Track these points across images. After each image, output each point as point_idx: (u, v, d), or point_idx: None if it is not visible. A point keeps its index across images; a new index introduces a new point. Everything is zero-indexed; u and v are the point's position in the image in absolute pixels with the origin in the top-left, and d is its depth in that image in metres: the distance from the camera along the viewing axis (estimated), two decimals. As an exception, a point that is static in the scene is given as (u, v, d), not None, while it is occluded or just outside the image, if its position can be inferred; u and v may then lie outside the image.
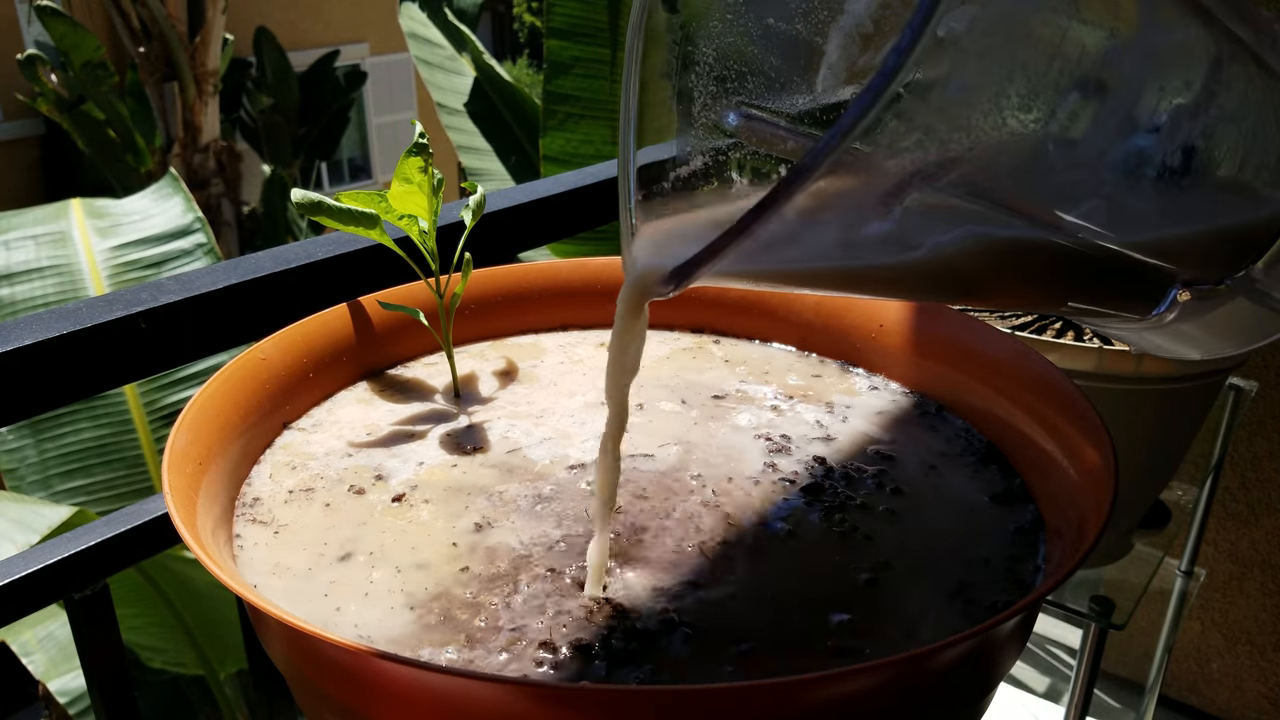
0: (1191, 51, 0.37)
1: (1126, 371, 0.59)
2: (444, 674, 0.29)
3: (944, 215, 0.32)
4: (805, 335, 0.59)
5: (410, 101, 9.43)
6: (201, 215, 2.25)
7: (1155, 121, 0.37)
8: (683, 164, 0.39)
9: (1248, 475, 1.29)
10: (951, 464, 0.47)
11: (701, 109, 0.39)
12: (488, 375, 0.56)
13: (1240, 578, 1.34)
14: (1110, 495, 0.37)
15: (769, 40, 0.39)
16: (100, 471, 2.04)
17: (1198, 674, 1.41)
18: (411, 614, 0.37)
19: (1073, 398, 0.44)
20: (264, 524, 0.43)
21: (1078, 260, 0.39)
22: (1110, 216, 0.38)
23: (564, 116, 2.62)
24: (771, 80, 0.39)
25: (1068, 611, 0.68)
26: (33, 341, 0.54)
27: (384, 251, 0.59)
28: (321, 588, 0.39)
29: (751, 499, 0.45)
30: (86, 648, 0.61)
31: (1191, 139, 0.38)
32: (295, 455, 0.48)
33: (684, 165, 0.39)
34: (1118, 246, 0.38)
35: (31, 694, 2.55)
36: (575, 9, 2.55)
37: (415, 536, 0.42)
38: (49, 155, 7.12)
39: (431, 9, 3.38)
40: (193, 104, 5.36)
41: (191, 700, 2.20)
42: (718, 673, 0.34)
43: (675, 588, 0.39)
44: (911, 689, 0.32)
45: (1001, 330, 0.51)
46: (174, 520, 0.36)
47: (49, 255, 2.10)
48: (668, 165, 0.39)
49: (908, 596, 0.38)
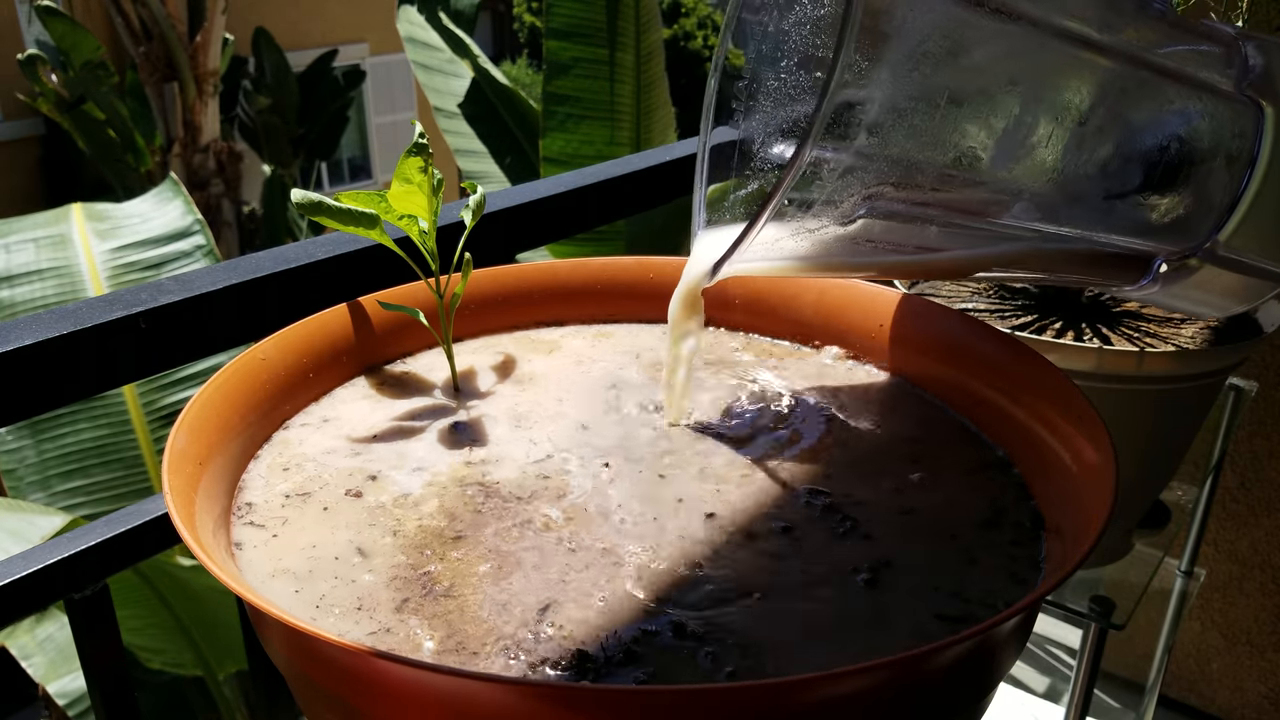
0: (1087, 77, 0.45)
1: (1126, 371, 0.59)
2: (444, 674, 0.29)
3: (893, 218, 0.43)
4: (806, 332, 0.59)
5: (410, 101, 9.44)
6: (201, 217, 2.25)
7: (1058, 143, 0.45)
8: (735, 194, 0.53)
9: (1248, 475, 1.29)
10: (951, 463, 0.47)
11: (760, 148, 0.52)
12: (487, 371, 0.56)
13: (1240, 578, 1.34)
14: (1110, 495, 0.37)
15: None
16: (99, 472, 2.04)
17: (1198, 674, 1.41)
18: (410, 613, 0.37)
19: (1073, 398, 0.44)
20: (263, 525, 0.43)
21: (1057, 252, 0.46)
22: (1084, 218, 0.47)
23: (564, 117, 2.62)
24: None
25: (1068, 611, 0.68)
26: (33, 341, 0.54)
27: (384, 251, 0.59)
28: (320, 588, 0.39)
29: (750, 497, 0.45)
30: (86, 648, 0.61)
31: (1105, 151, 0.46)
32: (294, 455, 0.48)
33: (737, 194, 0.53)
34: (1085, 239, 0.47)
35: (31, 695, 2.55)
36: (575, 10, 2.55)
37: (414, 536, 0.42)
38: (49, 155, 7.12)
39: (429, 12, 3.39)
40: (193, 104, 5.36)
41: (191, 701, 2.20)
42: (718, 672, 0.34)
43: (675, 587, 0.39)
44: (911, 689, 0.32)
45: (1002, 330, 0.51)
46: (174, 520, 0.36)
47: (49, 258, 2.11)
48: (727, 196, 0.53)
49: (907, 596, 0.38)
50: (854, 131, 0.38)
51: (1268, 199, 0.48)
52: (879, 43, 0.37)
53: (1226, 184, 0.48)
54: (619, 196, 0.90)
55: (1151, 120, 0.47)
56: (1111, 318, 0.66)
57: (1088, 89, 0.45)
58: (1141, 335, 0.63)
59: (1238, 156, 0.47)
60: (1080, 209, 0.47)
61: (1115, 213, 0.48)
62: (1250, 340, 0.62)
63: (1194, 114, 0.48)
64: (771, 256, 0.45)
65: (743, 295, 0.61)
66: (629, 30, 2.61)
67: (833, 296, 0.58)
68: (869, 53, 0.37)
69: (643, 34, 2.63)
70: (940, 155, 0.41)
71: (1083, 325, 0.65)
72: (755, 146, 0.51)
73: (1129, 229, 0.49)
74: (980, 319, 0.54)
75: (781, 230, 0.41)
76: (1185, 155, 0.47)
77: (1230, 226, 0.48)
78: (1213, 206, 0.48)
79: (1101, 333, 0.63)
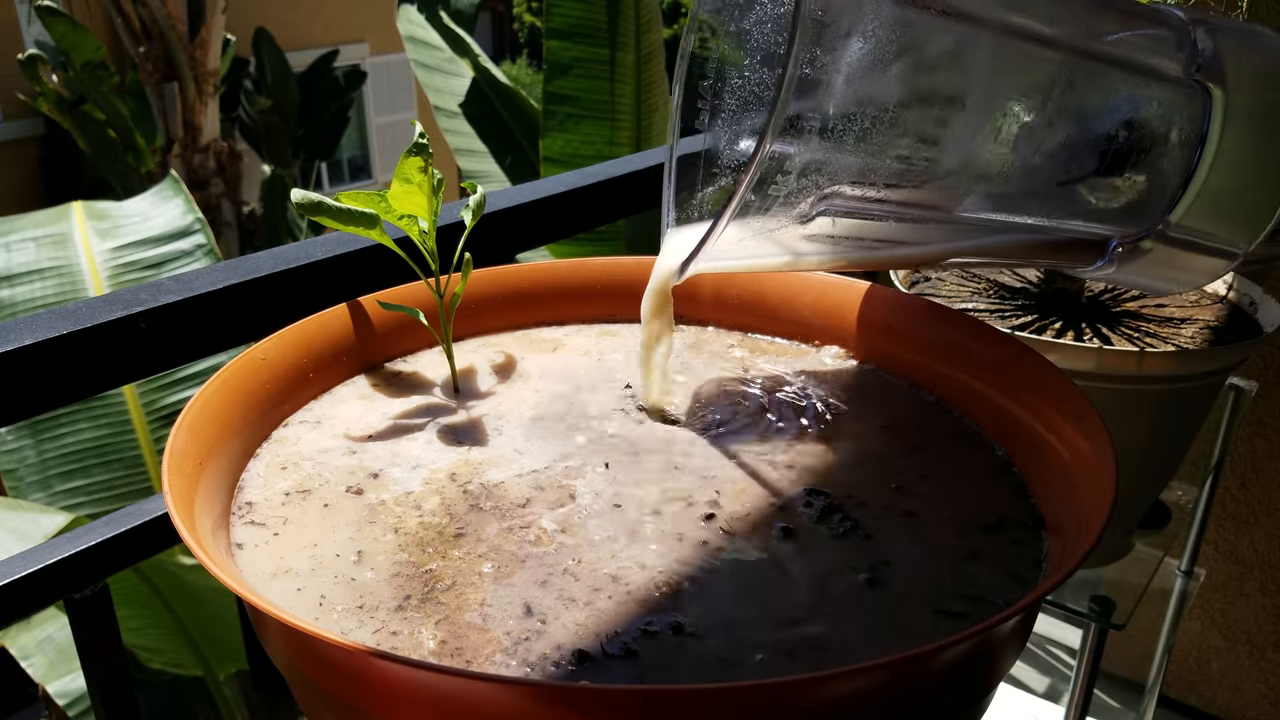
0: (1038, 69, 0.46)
1: (1126, 371, 0.59)
2: (444, 674, 0.29)
3: (851, 216, 0.45)
4: (806, 332, 0.59)
5: (410, 102, 9.43)
6: (201, 216, 2.25)
7: (1006, 136, 0.46)
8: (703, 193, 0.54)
9: (1248, 475, 1.29)
10: (951, 463, 0.47)
11: (726, 146, 0.53)
12: (487, 370, 0.56)
13: (1240, 578, 1.34)
14: (1110, 495, 0.37)
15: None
16: (99, 472, 2.04)
17: (1198, 674, 1.41)
18: (411, 612, 0.37)
19: (1073, 398, 0.44)
20: (263, 525, 0.43)
21: (1014, 242, 0.51)
22: (1039, 209, 0.49)
23: (564, 117, 2.62)
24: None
25: (1068, 611, 0.68)
26: (33, 341, 0.54)
27: (384, 251, 0.59)
28: (321, 588, 0.39)
29: (750, 496, 0.45)
30: (86, 648, 0.61)
31: (1050, 143, 0.47)
32: (294, 454, 0.48)
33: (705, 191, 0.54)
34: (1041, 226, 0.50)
35: (31, 695, 2.55)
36: (575, 9, 2.55)
37: (415, 534, 0.42)
38: (49, 155, 7.12)
39: (429, 12, 3.38)
40: (193, 104, 5.37)
41: (191, 701, 2.20)
42: (718, 673, 0.34)
43: (674, 587, 0.39)
44: (911, 689, 0.32)
45: (1002, 330, 0.51)
46: (174, 520, 0.36)
47: (49, 257, 2.11)
48: (695, 193, 0.55)
49: (907, 595, 0.38)
50: (809, 130, 0.40)
51: (1216, 180, 0.49)
52: (830, 42, 0.39)
53: (1177, 167, 0.49)
54: (619, 196, 0.90)
55: (1100, 110, 0.48)
56: (1111, 318, 0.66)
57: (1036, 83, 0.46)
58: (1141, 335, 0.63)
59: (1187, 140, 0.49)
60: (1034, 199, 0.48)
61: (1069, 200, 0.49)
62: (1250, 340, 0.62)
63: (1142, 101, 0.49)
64: (737, 255, 0.46)
65: (743, 295, 0.61)
66: (629, 30, 2.61)
67: (833, 296, 0.58)
68: (820, 52, 0.38)
69: (643, 34, 2.63)
70: (892, 153, 0.43)
71: (1083, 325, 0.65)
72: (721, 145, 0.53)
73: (1083, 215, 0.50)
74: (980, 319, 0.54)
75: (745, 229, 0.43)
76: (1135, 142, 0.49)
77: (1181, 208, 0.50)
78: (1165, 189, 0.49)
79: (1101, 333, 0.63)
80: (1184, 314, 0.68)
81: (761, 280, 0.60)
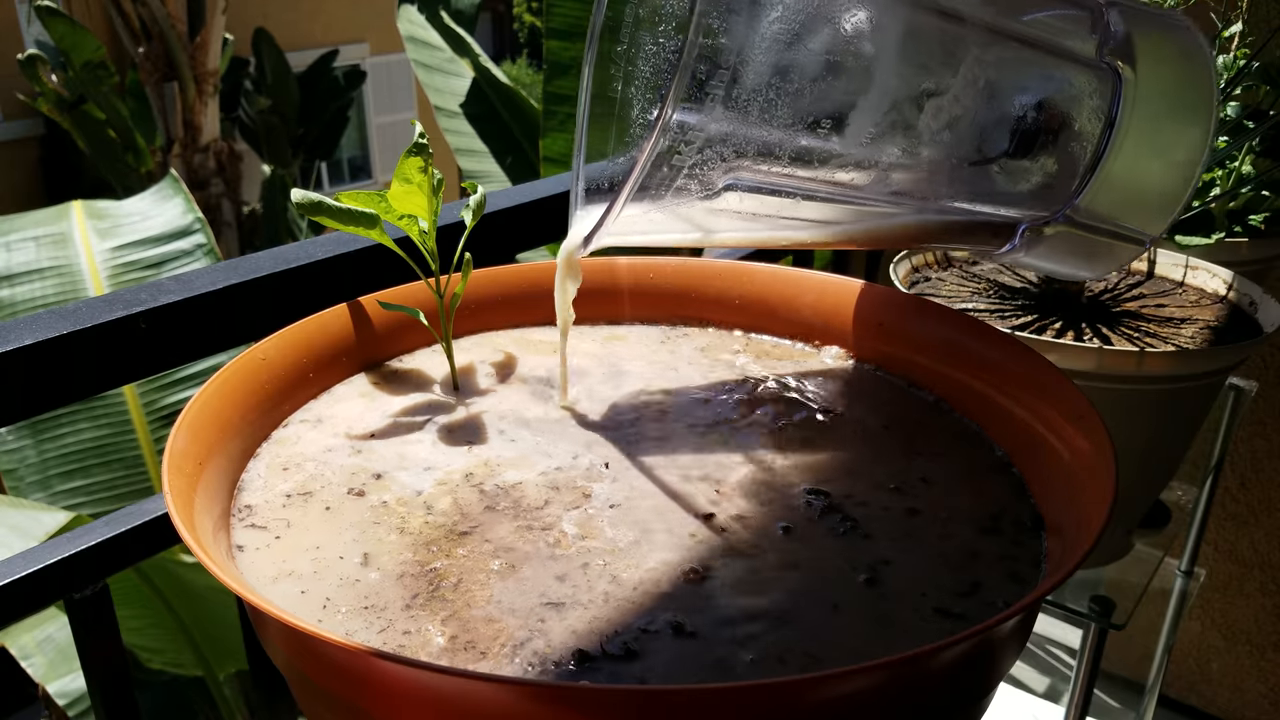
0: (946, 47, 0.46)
1: (1126, 371, 0.59)
2: (444, 674, 0.29)
3: (758, 192, 0.44)
4: (806, 332, 0.59)
5: (410, 102, 9.43)
6: (201, 216, 2.25)
7: (913, 114, 0.45)
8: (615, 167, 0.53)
9: (1248, 475, 1.29)
10: (951, 463, 0.47)
11: (639, 114, 0.52)
12: (487, 370, 0.56)
13: (1240, 578, 1.34)
14: (1110, 495, 0.37)
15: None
16: (99, 472, 2.04)
17: (1198, 674, 1.41)
18: (419, 610, 0.37)
19: (1073, 398, 0.44)
20: (265, 527, 0.43)
21: (925, 222, 0.50)
22: (947, 189, 0.49)
23: (564, 117, 2.61)
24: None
25: (1068, 611, 0.68)
26: (33, 341, 0.54)
27: (384, 251, 0.59)
28: (321, 588, 0.39)
29: (749, 496, 0.45)
30: (86, 648, 0.61)
31: (954, 118, 0.46)
32: (295, 454, 0.48)
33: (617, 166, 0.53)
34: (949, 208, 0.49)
35: (31, 695, 2.55)
36: (575, 10, 2.55)
37: (420, 534, 0.42)
38: (49, 155, 7.12)
39: (429, 12, 3.38)
40: (193, 104, 5.37)
41: (191, 701, 2.20)
42: (717, 672, 0.34)
43: (674, 587, 0.39)
44: (911, 689, 0.32)
45: (1001, 330, 0.51)
46: (174, 521, 0.36)
47: (49, 256, 2.11)
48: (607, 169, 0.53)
49: (906, 595, 0.38)
50: (712, 100, 0.39)
51: (1125, 164, 0.49)
52: (737, 7, 0.38)
53: (1085, 151, 0.48)
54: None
55: (1011, 88, 0.47)
56: (1111, 318, 0.66)
57: (947, 59, 0.45)
58: (1141, 335, 0.64)
59: (1096, 123, 0.48)
60: (944, 180, 0.48)
61: (980, 182, 0.49)
62: (1250, 340, 0.62)
63: (1052, 82, 0.48)
64: (644, 229, 0.46)
65: (743, 295, 0.61)
66: (629, 30, 2.60)
67: (833, 296, 0.58)
68: (727, 19, 0.38)
69: (643, 34, 2.62)
70: (799, 126, 0.42)
71: (1083, 325, 0.65)
72: (633, 113, 0.52)
73: (993, 198, 0.50)
74: (980, 319, 0.54)
75: (650, 203, 0.42)
76: (1045, 123, 0.48)
77: (1089, 192, 0.49)
78: (1073, 173, 0.49)
79: (1101, 333, 0.63)
80: (1184, 314, 0.68)
81: (762, 280, 0.60)
